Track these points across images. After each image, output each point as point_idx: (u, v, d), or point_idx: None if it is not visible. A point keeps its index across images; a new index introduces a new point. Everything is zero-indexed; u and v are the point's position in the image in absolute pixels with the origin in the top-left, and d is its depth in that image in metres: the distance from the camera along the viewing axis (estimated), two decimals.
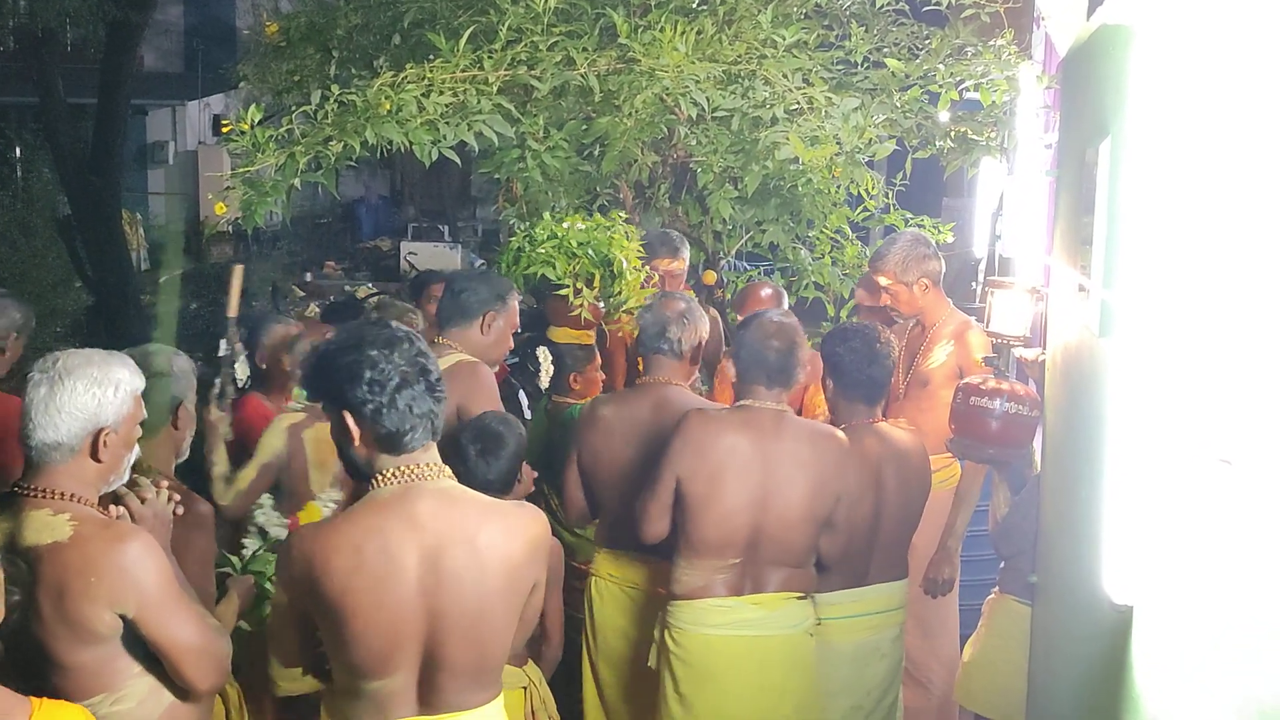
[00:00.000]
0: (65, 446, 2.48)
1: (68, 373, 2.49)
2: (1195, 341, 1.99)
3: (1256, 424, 1.68)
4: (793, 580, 3.41)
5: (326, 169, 4.08)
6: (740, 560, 3.35)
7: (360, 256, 20.50)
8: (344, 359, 2.33)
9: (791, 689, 3.39)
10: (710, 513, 3.32)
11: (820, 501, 3.36)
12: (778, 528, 3.33)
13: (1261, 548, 1.63)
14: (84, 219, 10.65)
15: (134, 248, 14.27)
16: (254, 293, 15.17)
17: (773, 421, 3.37)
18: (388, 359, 2.32)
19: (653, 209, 5.43)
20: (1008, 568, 3.95)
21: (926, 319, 4.45)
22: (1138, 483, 2.31)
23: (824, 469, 3.36)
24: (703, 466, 3.31)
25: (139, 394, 2.59)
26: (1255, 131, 1.77)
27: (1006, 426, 3.83)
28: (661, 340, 3.72)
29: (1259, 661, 1.62)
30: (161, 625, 2.44)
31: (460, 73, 4.15)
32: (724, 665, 3.35)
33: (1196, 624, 1.91)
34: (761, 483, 3.32)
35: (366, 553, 2.29)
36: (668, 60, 4.13)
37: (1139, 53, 2.49)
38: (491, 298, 3.87)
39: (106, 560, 2.39)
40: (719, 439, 3.33)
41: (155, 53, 20.28)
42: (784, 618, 3.38)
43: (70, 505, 2.46)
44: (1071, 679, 3.00)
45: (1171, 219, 2.17)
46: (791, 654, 3.40)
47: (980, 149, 4.67)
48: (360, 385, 2.30)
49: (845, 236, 5.58)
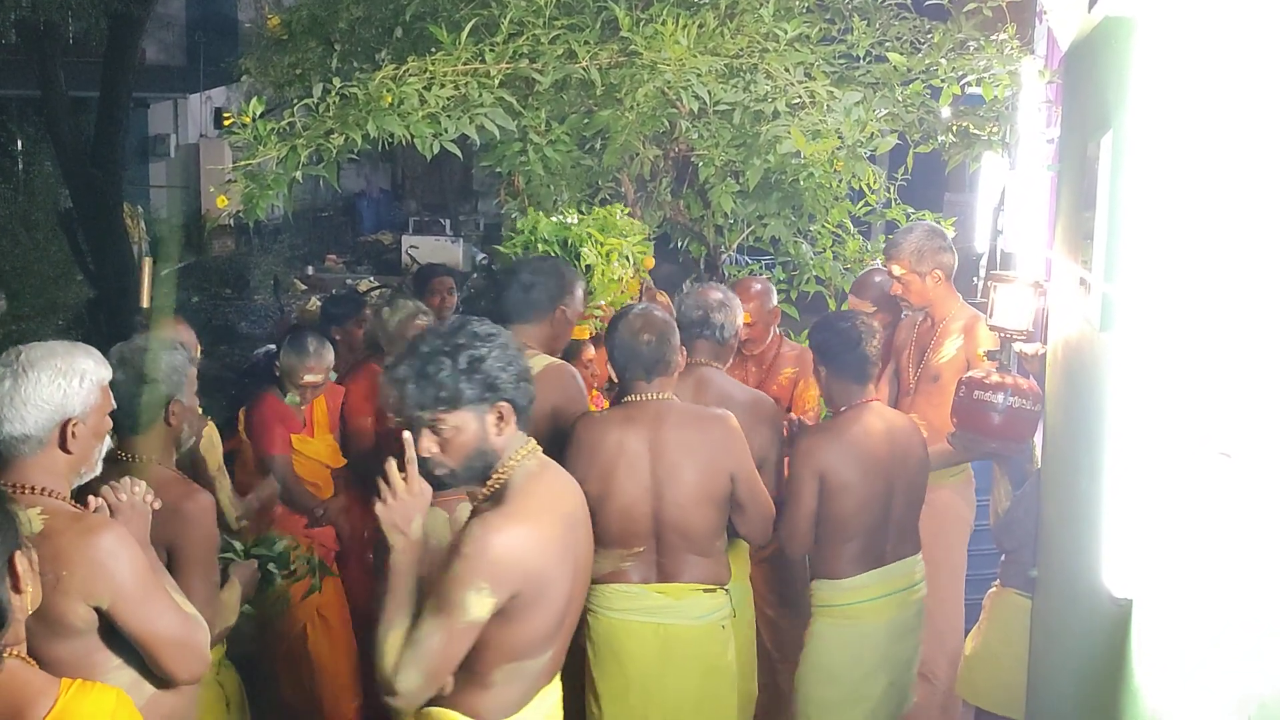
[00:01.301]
0: (33, 439, 2.46)
1: (31, 365, 2.48)
2: (1196, 335, 1.99)
3: (1256, 417, 1.68)
4: (701, 570, 3.49)
5: (328, 162, 4.08)
6: (645, 549, 3.45)
7: (361, 250, 20.52)
8: (504, 356, 2.51)
9: (696, 679, 3.47)
10: (608, 508, 3.39)
11: (713, 481, 3.45)
12: (676, 513, 3.43)
13: (1261, 541, 1.64)
14: (85, 212, 10.65)
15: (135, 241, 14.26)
16: (256, 286, 15.21)
17: (656, 412, 3.47)
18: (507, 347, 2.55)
19: (654, 203, 5.43)
20: (1009, 561, 3.96)
21: (936, 312, 4.44)
22: (1138, 476, 2.31)
23: (713, 450, 3.45)
24: (594, 466, 3.39)
25: (106, 384, 2.58)
26: (1256, 125, 1.77)
27: (1009, 420, 3.83)
28: (705, 326, 3.88)
29: (1259, 655, 1.62)
30: (137, 617, 2.43)
31: (462, 66, 4.15)
32: (629, 650, 3.45)
33: (1196, 618, 1.92)
34: (653, 471, 3.42)
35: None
36: (669, 54, 4.13)
37: (1140, 47, 2.50)
38: (563, 290, 3.80)
39: (78, 553, 2.38)
40: (605, 437, 3.43)
41: (157, 46, 20.26)
42: (691, 608, 3.46)
43: (41, 499, 2.45)
44: (1071, 672, 3.01)
45: (1173, 213, 2.17)
46: (698, 644, 3.47)
47: (982, 144, 4.67)
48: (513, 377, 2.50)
49: (847, 231, 5.58)
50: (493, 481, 2.50)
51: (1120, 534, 2.43)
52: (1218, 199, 1.93)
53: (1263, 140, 1.74)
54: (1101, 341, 2.75)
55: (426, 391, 2.44)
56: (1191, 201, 2.07)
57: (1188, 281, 2.06)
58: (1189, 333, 2.03)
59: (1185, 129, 2.12)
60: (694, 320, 3.89)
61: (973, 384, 3.91)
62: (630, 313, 3.58)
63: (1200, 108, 2.05)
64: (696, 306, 3.91)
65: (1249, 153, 1.79)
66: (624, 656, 3.45)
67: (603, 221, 4.44)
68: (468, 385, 2.44)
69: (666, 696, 3.43)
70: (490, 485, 2.50)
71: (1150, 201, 2.33)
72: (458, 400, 2.44)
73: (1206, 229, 1.98)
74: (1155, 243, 2.27)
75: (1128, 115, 2.59)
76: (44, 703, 1.92)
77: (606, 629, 3.47)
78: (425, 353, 2.46)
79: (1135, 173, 2.49)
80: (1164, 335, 2.17)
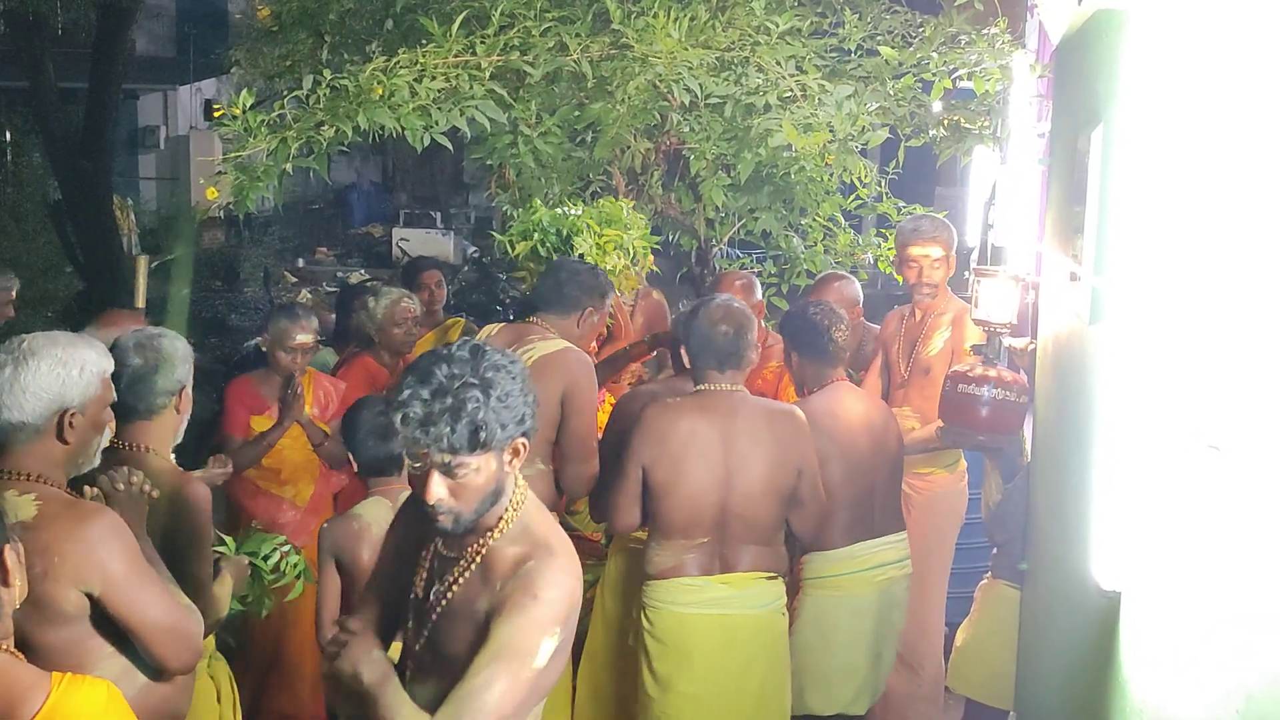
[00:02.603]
0: (30, 427, 2.46)
1: (32, 353, 2.47)
2: (1186, 329, 1.99)
3: (1245, 410, 1.69)
4: (762, 559, 3.51)
5: (318, 154, 4.07)
6: (709, 540, 3.46)
7: (352, 242, 20.49)
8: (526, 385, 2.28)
9: (759, 666, 3.49)
10: (676, 496, 3.42)
11: (781, 475, 3.47)
12: (742, 504, 3.44)
13: (1249, 534, 1.64)
14: (74, 204, 10.59)
15: (124, 233, 14.22)
16: (246, 278, 15.17)
17: (728, 403, 3.49)
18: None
19: (645, 196, 5.42)
20: (1000, 553, 3.97)
21: (935, 303, 4.45)
22: (1127, 469, 2.32)
23: (782, 444, 3.48)
24: (665, 453, 3.42)
25: (107, 376, 2.57)
26: (1246, 120, 1.77)
27: (995, 413, 3.86)
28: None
29: (1246, 646, 1.63)
30: (128, 604, 2.42)
31: (453, 58, 4.14)
32: (695, 642, 3.46)
33: (1184, 611, 1.93)
34: (723, 462, 3.43)
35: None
36: (661, 46, 4.13)
37: (1131, 41, 2.50)
38: (594, 294, 3.86)
39: (71, 539, 2.38)
40: (677, 425, 3.44)
41: (147, 37, 20.18)
42: (753, 597, 3.48)
43: (36, 486, 2.45)
44: (1060, 664, 3.02)
45: (1163, 207, 2.18)
46: (760, 633, 3.50)
47: (973, 138, 4.68)
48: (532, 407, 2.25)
49: (838, 225, 5.59)
50: (506, 519, 2.25)
51: (1109, 527, 2.44)
52: (1208, 193, 1.94)
53: (1253, 134, 1.74)
54: (1091, 335, 2.75)
55: (461, 433, 2.10)
56: (1181, 195, 2.07)
57: (1177, 275, 2.06)
58: (1179, 326, 2.03)
59: (1175, 123, 2.13)
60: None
61: (958, 378, 3.94)
62: (711, 303, 3.59)
63: (1190, 102, 2.06)
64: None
65: (1239, 147, 1.80)
66: (689, 649, 3.46)
67: (606, 214, 4.44)
68: (499, 424, 2.13)
69: (729, 685, 3.46)
70: (504, 524, 2.25)
71: (1140, 195, 2.33)
72: (491, 442, 2.13)
73: (1196, 223, 1.98)
74: (1145, 237, 2.27)
75: (1118, 109, 2.59)
76: (36, 698, 1.91)
77: (673, 624, 3.47)
78: (455, 388, 2.11)
79: (1125, 167, 2.49)
80: (1154, 329, 2.18)
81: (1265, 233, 1.67)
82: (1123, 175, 2.52)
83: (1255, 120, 1.73)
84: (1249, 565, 1.63)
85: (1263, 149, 1.70)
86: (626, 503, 3.49)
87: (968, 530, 4.56)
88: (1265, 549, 1.57)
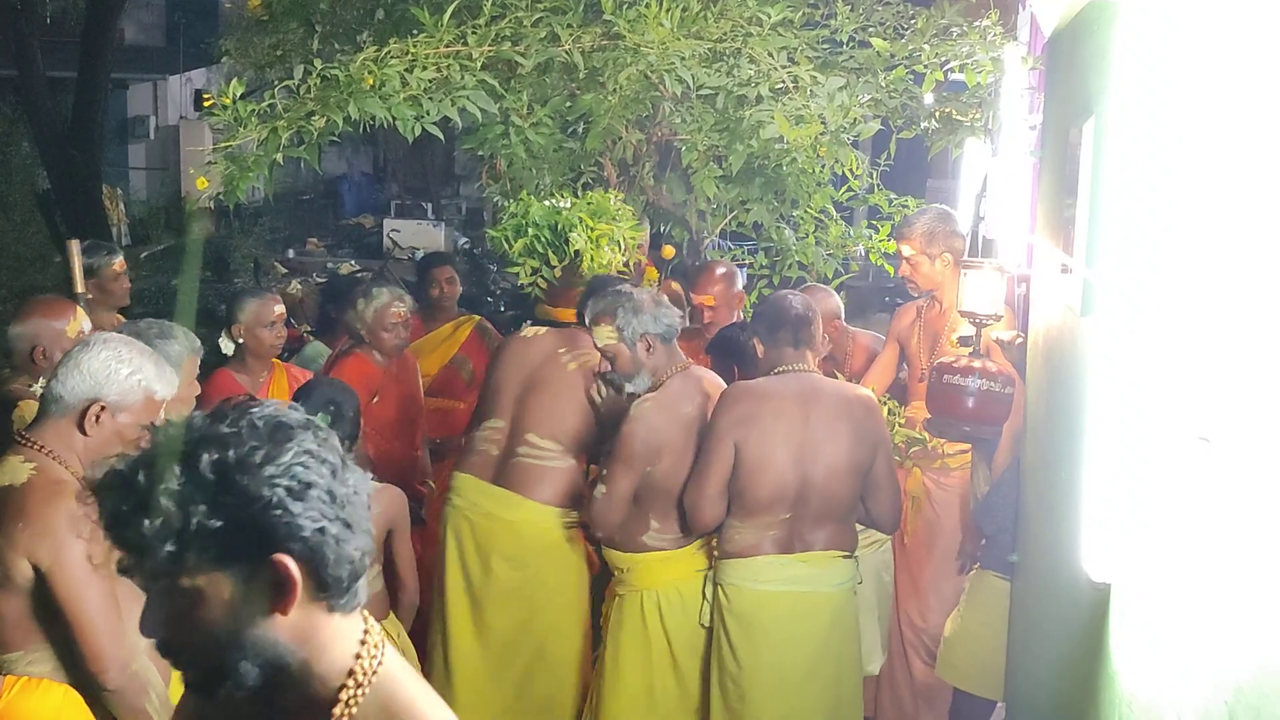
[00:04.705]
0: (63, 402, 2.50)
1: (106, 341, 2.54)
2: (1176, 321, 2.00)
3: (1236, 402, 1.69)
4: (837, 538, 3.62)
5: (309, 144, 4.06)
6: (790, 516, 3.56)
7: (343, 233, 20.43)
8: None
9: (835, 644, 3.60)
10: (763, 473, 3.52)
11: (862, 453, 3.59)
12: (825, 480, 3.56)
13: (1239, 526, 1.65)
14: (64, 193, 10.55)
15: (114, 223, 14.16)
16: (237, 269, 15.11)
17: (809, 381, 3.64)
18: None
19: (637, 187, 5.41)
20: (989, 544, 3.99)
21: (945, 298, 4.43)
22: (1117, 461, 2.32)
23: (861, 422, 3.61)
24: (755, 429, 3.52)
25: (157, 398, 2.57)
26: (1238, 112, 1.77)
27: (981, 403, 3.88)
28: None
29: (1236, 638, 1.63)
30: (68, 588, 2.39)
31: (444, 48, 4.13)
32: (772, 620, 3.55)
33: (1174, 603, 1.93)
34: (808, 438, 3.55)
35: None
36: (653, 37, 4.11)
37: (1122, 33, 2.50)
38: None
39: (41, 508, 2.38)
40: (765, 401, 3.56)
41: (136, 26, 20.11)
42: (830, 575, 3.59)
43: (41, 457, 2.47)
44: (1050, 655, 3.03)
45: (1154, 199, 2.18)
46: (836, 611, 3.61)
47: (965, 130, 4.67)
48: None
49: (829, 216, 5.58)
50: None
51: (1099, 519, 2.44)
52: (1199, 185, 1.94)
53: (1244, 126, 1.74)
54: (1082, 327, 2.76)
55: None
56: (1173, 188, 2.07)
57: (1169, 268, 2.06)
58: (1169, 318, 2.03)
59: (1167, 115, 2.13)
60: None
61: (944, 369, 3.96)
62: (782, 294, 3.82)
63: (1182, 94, 2.06)
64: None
65: (1231, 139, 1.80)
66: (768, 625, 3.54)
67: (595, 206, 4.42)
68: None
69: (805, 660, 3.54)
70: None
71: (1131, 188, 2.34)
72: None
73: (1188, 215, 1.98)
74: (1136, 228, 2.27)
75: (1110, 101, 2.59)
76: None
77: (750, 602, 3.55)
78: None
79: (1117, 159, 2.49)
80: (1144, 321, 2.18)
81: (1257, 225, 1.67)
82: (1114, 168, 2.52)
83: (1247, 113, 1.73)
84: (1239, 557, 1.64)
85: (1254, 142, 1.70)
86: (716, 491, 3.55)
87: None
88: (1255, 541, 1.58)
